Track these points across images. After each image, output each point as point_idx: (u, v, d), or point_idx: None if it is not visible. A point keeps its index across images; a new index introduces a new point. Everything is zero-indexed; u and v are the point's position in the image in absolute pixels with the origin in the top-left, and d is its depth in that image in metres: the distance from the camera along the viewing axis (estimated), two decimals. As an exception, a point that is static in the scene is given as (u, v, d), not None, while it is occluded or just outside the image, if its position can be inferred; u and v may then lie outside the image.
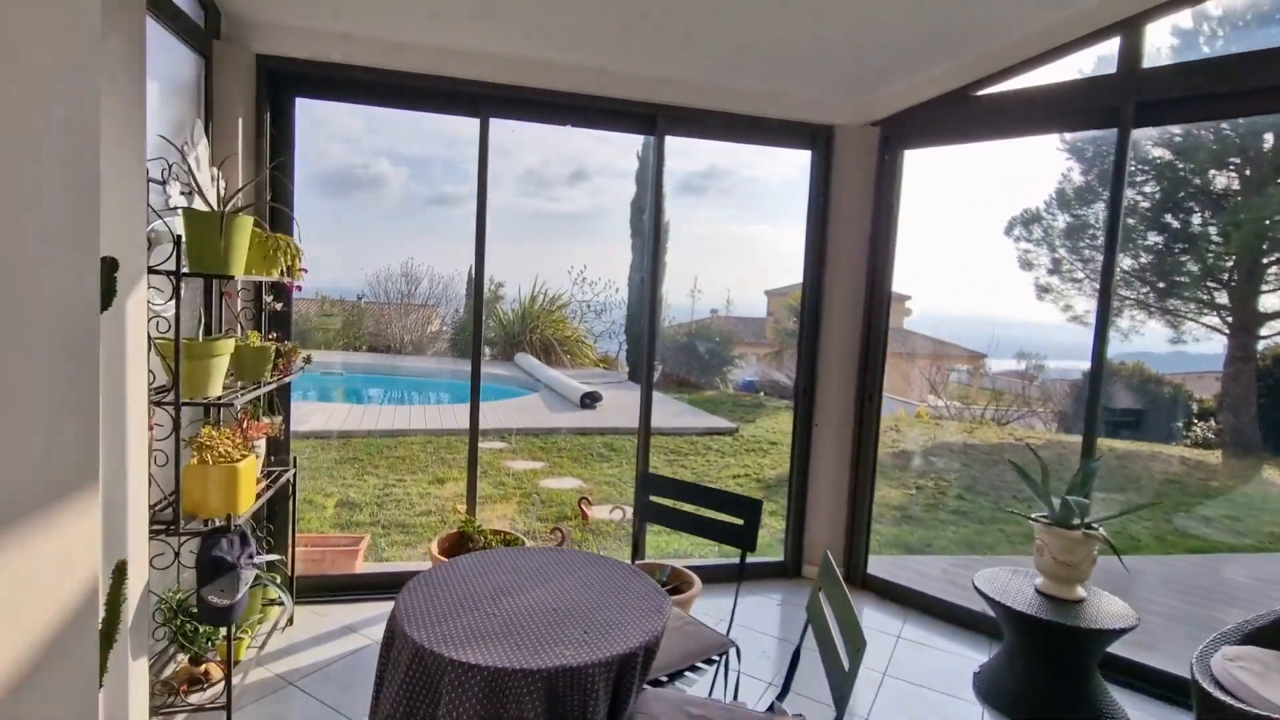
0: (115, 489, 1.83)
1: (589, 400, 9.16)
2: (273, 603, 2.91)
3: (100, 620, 1.22)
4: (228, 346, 2.30)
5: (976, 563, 4.43)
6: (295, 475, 3.05)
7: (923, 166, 3.64)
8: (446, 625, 1.64)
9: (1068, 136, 11.15)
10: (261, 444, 2.70)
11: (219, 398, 2.27)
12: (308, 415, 7.58)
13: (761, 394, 12.54)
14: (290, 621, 2.99)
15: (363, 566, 3.57)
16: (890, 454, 7.53)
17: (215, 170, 2.68)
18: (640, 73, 3.28)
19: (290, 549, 3.10)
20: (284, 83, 3.02)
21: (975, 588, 2.82)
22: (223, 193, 2.72)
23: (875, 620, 3.38)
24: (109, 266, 1.18)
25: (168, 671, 2.47)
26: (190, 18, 2.64)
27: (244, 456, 2.33)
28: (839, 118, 3.62)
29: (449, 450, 6.69)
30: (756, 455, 7.36)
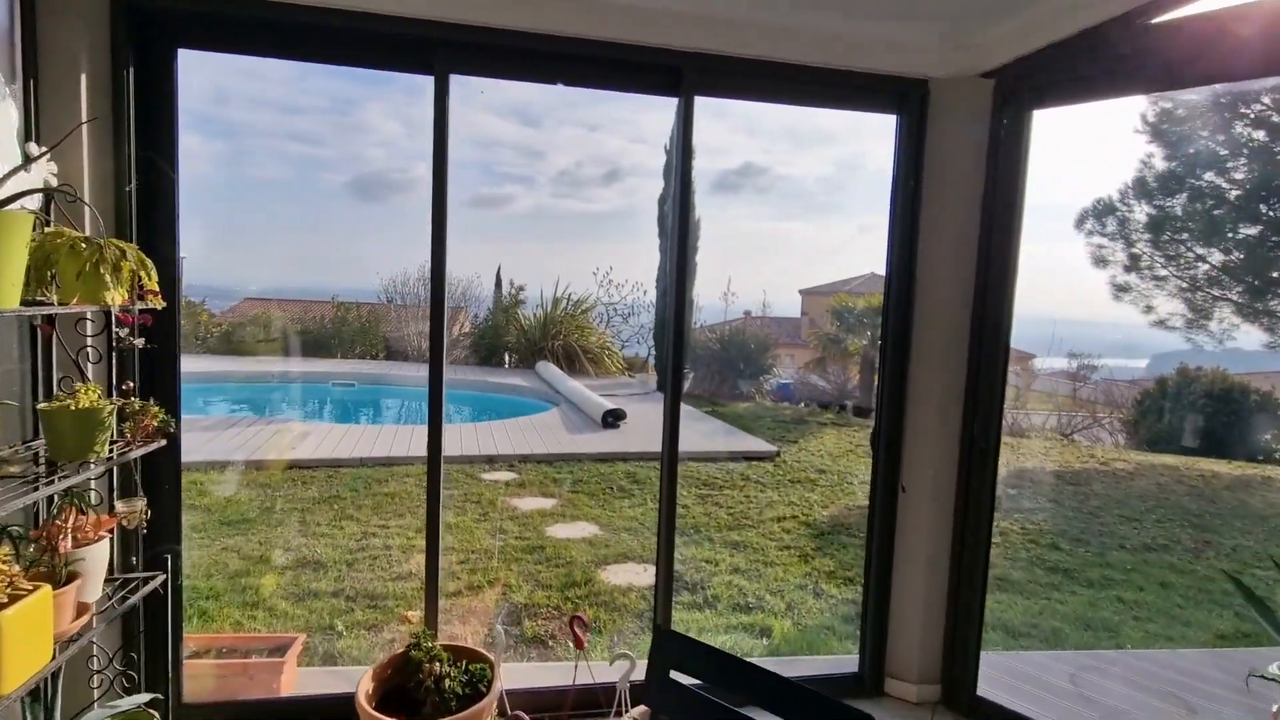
0: None
1: (611, 419, 8.24)
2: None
3: None
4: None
5: (1111, 663, 3.37)
6: (173, 579, 2.17)
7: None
8: None
9: (1149, 117, 9.84)
10: (100, 548, 1.82)
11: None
12: (296, 441, 6.81)
13: (802, 404, 11.46)
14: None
15: (295, 681, 2.69)
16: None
17: (31, 148, 1.82)
18: (660, 6, 2.32)
19: (170, 681, 2.22)
20: (156, 28, 2.15)
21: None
22: (52, 184, 1.86)
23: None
24: None
25: None
26: (-12, -79, 1.78)
27: (19, 595, 1.45)
28: (936, 68, 2.61)
29: (450, 483, 5.83)
30: (803, 488, 6.33)
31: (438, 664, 2.19)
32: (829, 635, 3.77)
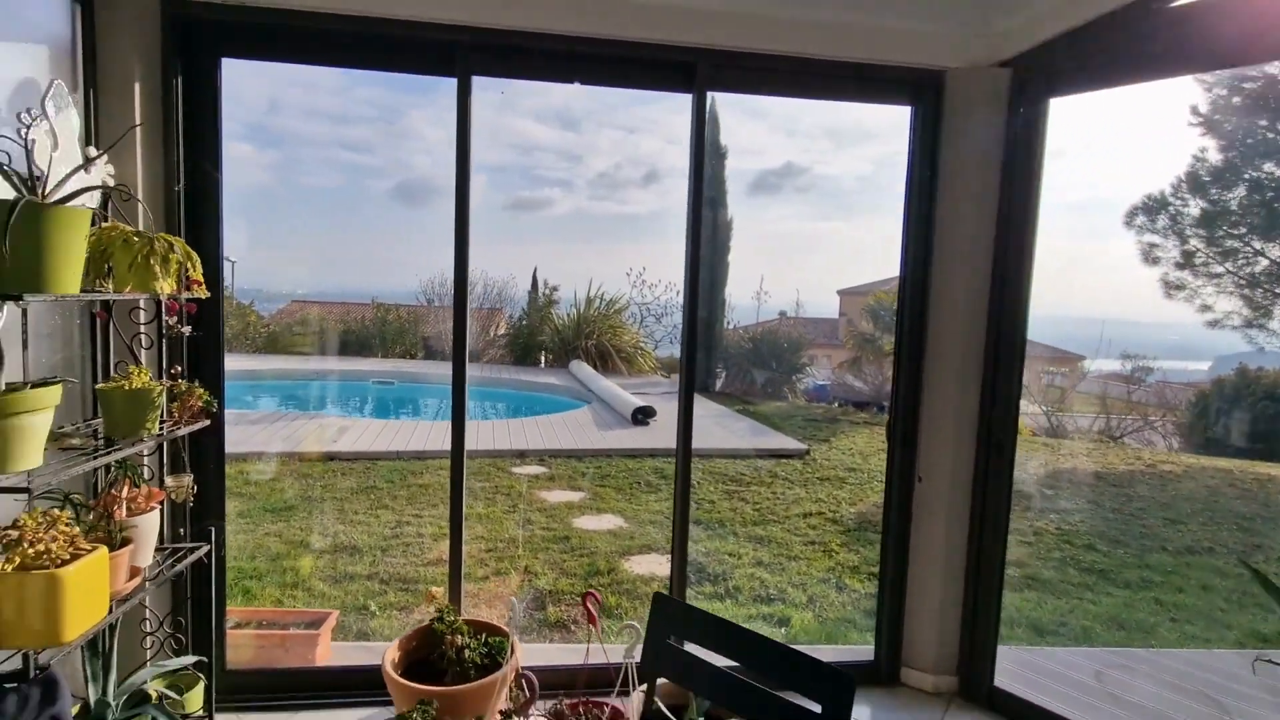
0: None
1: (641, 416, 8.32)
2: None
3: None
4: (44, 399, 1.57)
5: (1140, 661, 3.29)
6: (218, 550, 2.33)
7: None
8: None
9: (1202, 108, 9.46)
10: (151, 518, 1.98)
11: (25, 472, 1.54)
12: (336, 435, 7.08)
13: (836, 404, 11.35)
14: (210, 743, 2.27)
15: (329, 654, 2.84)
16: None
17: (91, 151, 1.99)
18: (673, 3, 2.39)
19: (214, 644, 2.38)
20: (200, 40, 2.31)
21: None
22: (109, 184, 2.04)
23: (1012, 770, 2.37)
24: None
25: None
26: (55, -54, 1.96)
27: (80, 554, 1.60)
28: (951, 58, 2.62)
29: (481, 475, 5.99)
30: (832, 486, 6.30)
31: (459, 636, 2.30)
32: (849, 628, 3.78)
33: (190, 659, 2.23)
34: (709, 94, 2.54)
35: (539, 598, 3.77)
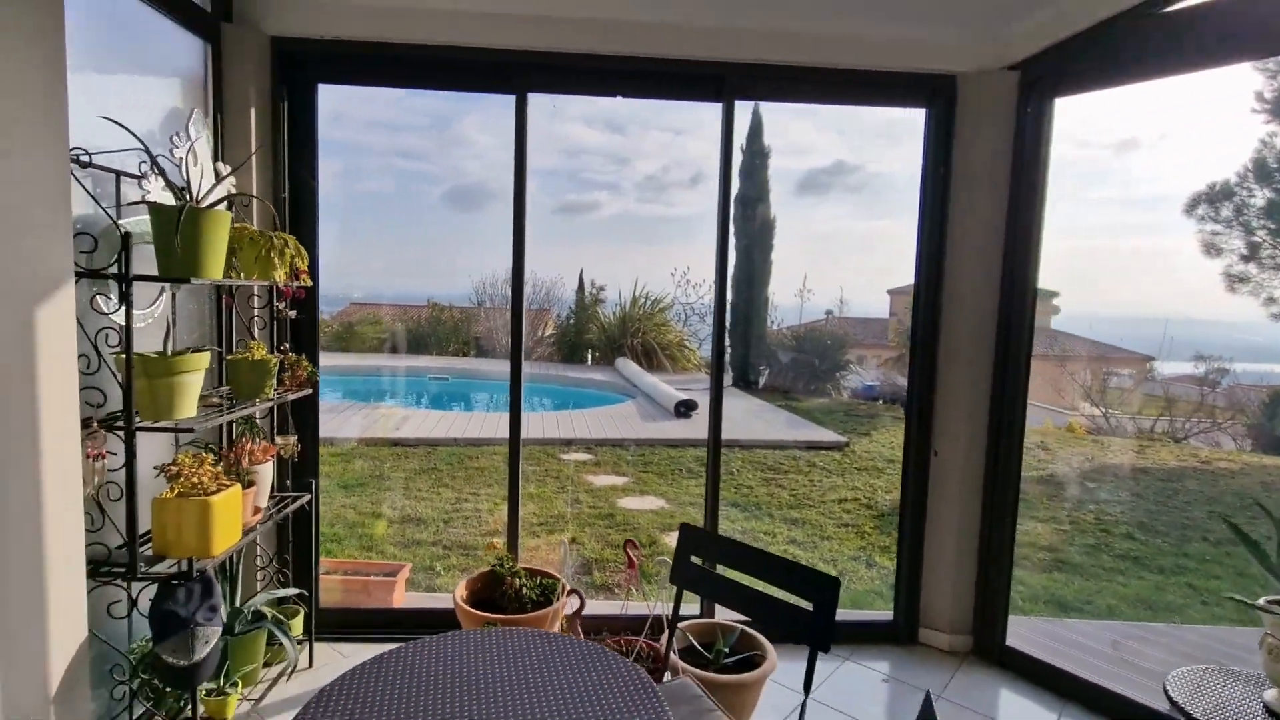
0: (24, 528, 1.53)
1: (683, 409, 8.62)
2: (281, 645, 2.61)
3: None
4: (198, 362, 1.99)
5: (1159, 635, 3.41)
6: (313, 501, 2.75)
7: (1072, 131, 2.76)
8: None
9: (1268, 94, 9.16)
10: (267, 468, 2.40)
11: (188, 420, 1.96)
12: (399, 423, 7.61)
13: (881, 401, 11.38)
14: (309, 663, 2.68)
15: (404, 599, 3.25)
16: (1036, 478, 6.35)
17: (221, 166, 2.42)
18: (703, 24, 2.70)
19: (313, 581, 2.81)
20: (303, 68, 2.74)
21: (1168, 696, 1.99)
22: (227, 191, 2.47)
23: (1019, 716, 2.57)
24: None
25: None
26: (194, 1, 2.40)
27: (222, 488, 2.01)
28: (963, 63, 2.84)
29: (532, 460, 6.40)
30: (869, 475, 6.46)
31: (516, 579, 2.66)
32: (875, 598, 3.99)
33: (293, 591, 2.65)
34: (749, 102, 2.83)
35: (585, 564, 4.12)
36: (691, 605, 2.95)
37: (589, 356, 13.95)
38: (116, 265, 1.77)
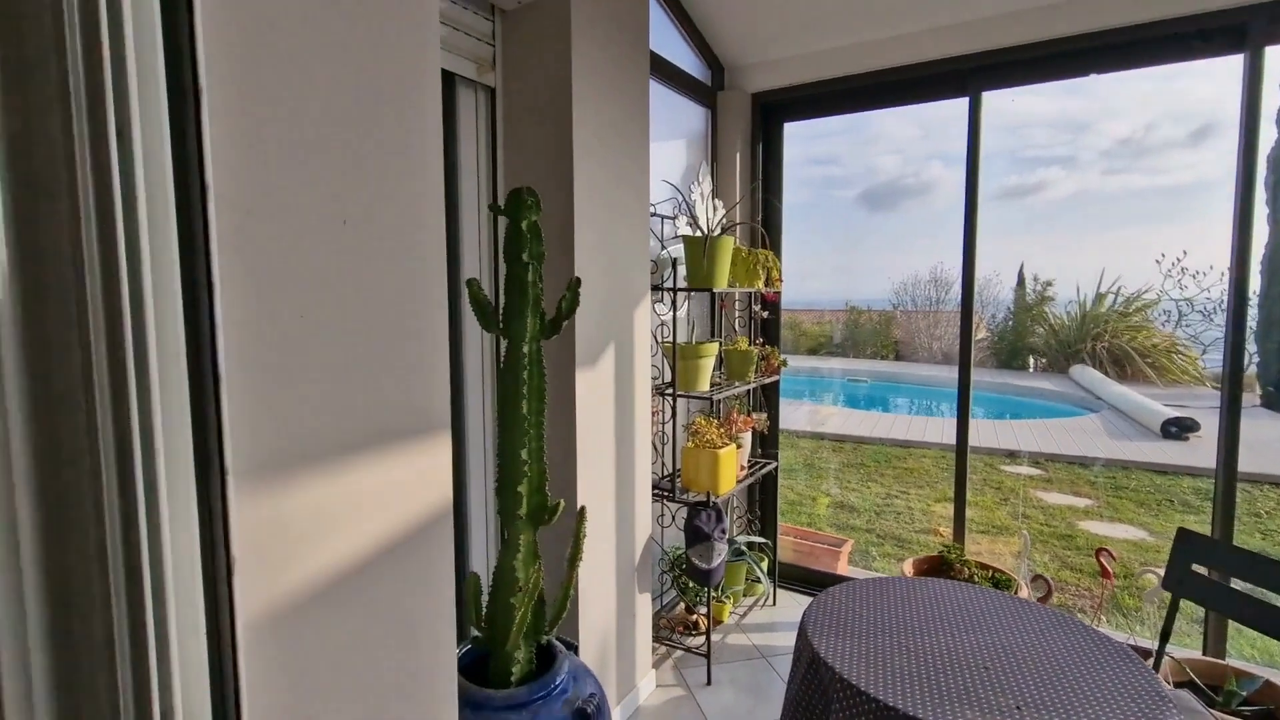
0: (624, 454, 2.36)
1: (1175, 428, 6.93)
2: (756, 580, 3.23)
3: (568, 549, 1.61)
4: (711, 350, 2.69)
5: None
6: (777, 469, 3.31)
7: None
8: (850, 643, 1.52)
9: None
10: (747, 436, 3.04)
11: (705, 393, 2.67)
12: (825, 419, 8.10)
13: None
14: (773, 601, 3.25)
15: (845, 569, 3.60)
16: None
17: (716, 202, 3.17)
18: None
19: (775, 536, 3.38)
20: (773, 113, 3.34)
21: None
22: (722, 221, 3.20)
23: None
24: (574, 284, 1.53)
25: (676, 611, 3.03)
26: (700, 80, 3.20)
27: (724, 445, 2.68)
28: None
29: (969, 470, 6.09)
30: None
31: (966, 567, 2.73)
32: None
33: (761, 540, 3.25)
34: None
35: (1041, 582, 3.81)
36: (1190, 649, 2.53)
37: (1031, 363, 12.21)
38: (670, 280, 2.56)
